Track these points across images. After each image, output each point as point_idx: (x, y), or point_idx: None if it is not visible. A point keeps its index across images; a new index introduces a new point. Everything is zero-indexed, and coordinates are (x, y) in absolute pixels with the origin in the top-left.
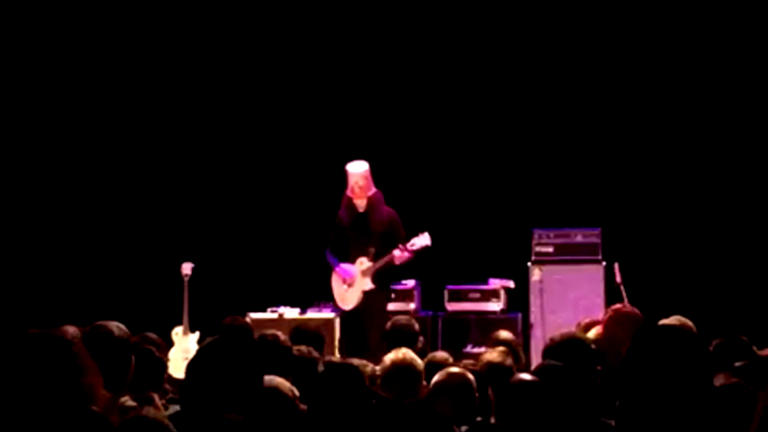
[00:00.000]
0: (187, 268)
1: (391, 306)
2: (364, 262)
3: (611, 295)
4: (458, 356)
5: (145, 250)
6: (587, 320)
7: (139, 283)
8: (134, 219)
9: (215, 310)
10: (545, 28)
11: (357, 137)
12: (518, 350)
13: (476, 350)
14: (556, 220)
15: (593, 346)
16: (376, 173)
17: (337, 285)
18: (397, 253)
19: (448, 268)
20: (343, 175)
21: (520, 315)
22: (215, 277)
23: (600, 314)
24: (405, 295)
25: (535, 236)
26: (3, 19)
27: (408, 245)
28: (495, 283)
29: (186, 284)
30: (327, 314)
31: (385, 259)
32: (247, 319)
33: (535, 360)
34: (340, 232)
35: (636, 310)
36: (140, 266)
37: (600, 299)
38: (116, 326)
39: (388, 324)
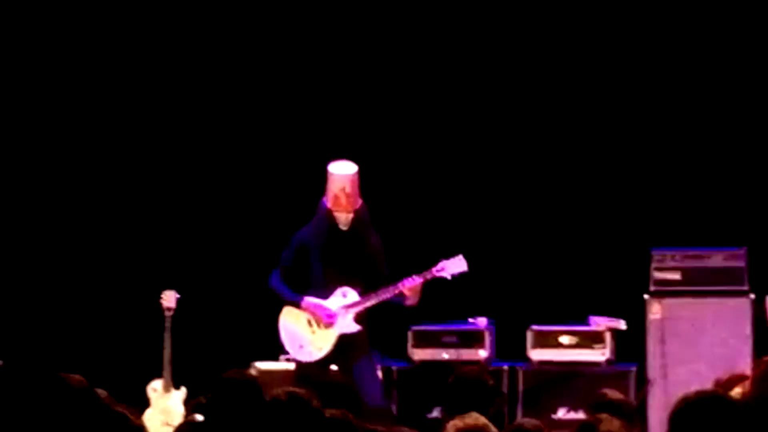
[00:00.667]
0: (170, 299)
1: (452, 354)
2: (348, 294)
3: (761, 338)
4: (546, 424)
5: (115, 275)
6: (729, 374)
7: (104, 318)
8: (101, 234)
9: (208, 358)
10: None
11: (375, 149)
12: (632, 417)
13: (571, 416)
14: (684, 237)
15: (739, 409)
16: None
17: (294, 327)
18: (410, 283)
19: (531, 301)
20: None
21: (634, 367)
22: (208, 312)
23: (746, 365)
24: (473, 339)
25: (656, 259)
26: (3, 19)
27: (435, 270)
28: (598, 324)
29: (168, 321)
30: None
31: (392, 289)
32: (253, 371)
33: (656, 431)
34: (305, 253)
35: None
36: (107, 295)
37: (746, 345)
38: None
39: (452, 378)
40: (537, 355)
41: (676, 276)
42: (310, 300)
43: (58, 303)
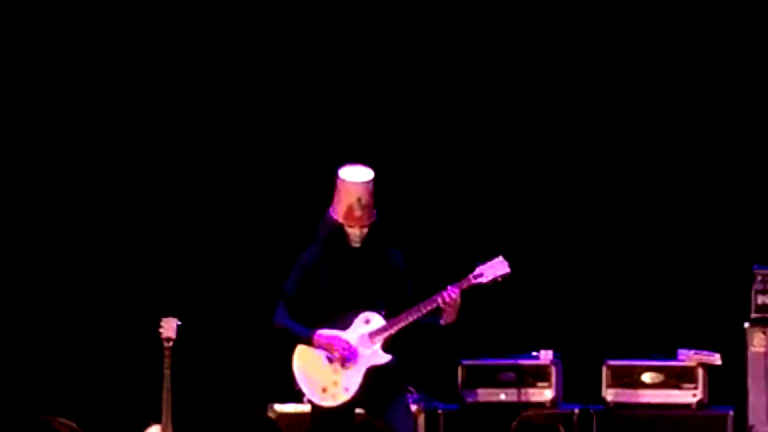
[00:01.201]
0: (169, 327)
1: (512, 394)
2: (372, 320)
3: None
4: None
5: (106, 300)
6: None
7: (94, 350)
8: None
9: (217, 399)
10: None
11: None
12: None
13: None
14: None
15: None
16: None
17: (312, 368)
18: (445, 295)
19: (606, 331)
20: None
21: (731, 411)
22: (216, 343)
23: None
24: (537, 376)
25: (758, 279)
26: (3, 19)
27: (472, 277)
28: (688, 358)
29: (168, 353)
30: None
31: (421, 307)
32: (271, 414)
33: None
34: (313, 279)
35: None
36: (97, 324)
37: None
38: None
39: (515, 425)
40: (614, 395)
41: (766, 299)
42: (323, 334)
43: (42, 334)
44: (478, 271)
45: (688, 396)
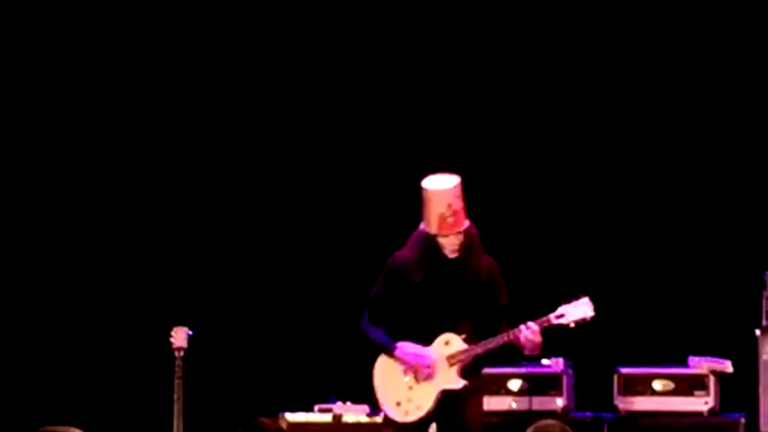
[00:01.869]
0: (180, 336)
1: (523, 403)
2: (452, 342)
3: None
4: None
5: (116, 309)
6: None
7: (104, 360)
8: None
9: (228, 409)
10: None
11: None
12: None
13: None
14: None
15: None
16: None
17: (390, 380)
18: (525, 332)
19: (617, 339)
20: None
21: (743, 418)
22: (227, 352)
23: None
24: (548, 385)
25: None
26: (2, 19)
27: (554, 317)
28: (700, 365)
29: (179, 363)
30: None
31: (499, 339)
32: (282, 424)
33: None
34: (403, 289)
35: None
36: (107, 333)
37: None
38: None
39: (530, 431)
40: (625, 403)
41: None
42: (405, 348)
43: (54, 343)
44: (560, 311)
45: (699, 403)
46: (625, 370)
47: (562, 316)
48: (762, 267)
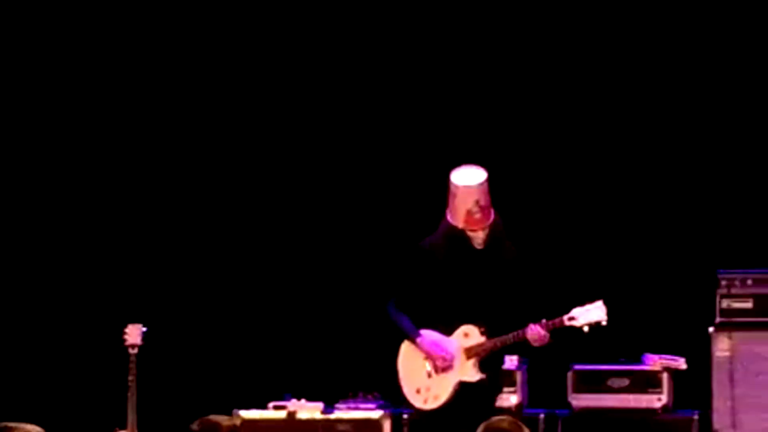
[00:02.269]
0: (134, 333)
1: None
2: (470, 334)
3: None
4: None
5: (69, 306)
6: None
7: (57, 356)
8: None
9: (182, 405)
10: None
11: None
12: None
13: None
14: (757, 257)
15: None
16: None
17: (412, 367)
18: (534, 331)
19: (572, 337)
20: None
21: (696, 415)
22: (181, 349)
23: None
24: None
25: (723, 284)
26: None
27: (566, 318)
28: (654, 362)
29: (133, 361)
30: (369, 413)
31: (512, 336)
32: (236, 421)
33: None
34: (432, 276)
35: None
36: (61, 329)
37: None
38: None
39: (480, 430)
40: (580, 400)
41: (747, 305)
42: (427, 337)
43: (7, 340)
44: (573, 313)
45: (653, 400)
46: (579, 367)
47: (574, 318)
48: (716, 265)
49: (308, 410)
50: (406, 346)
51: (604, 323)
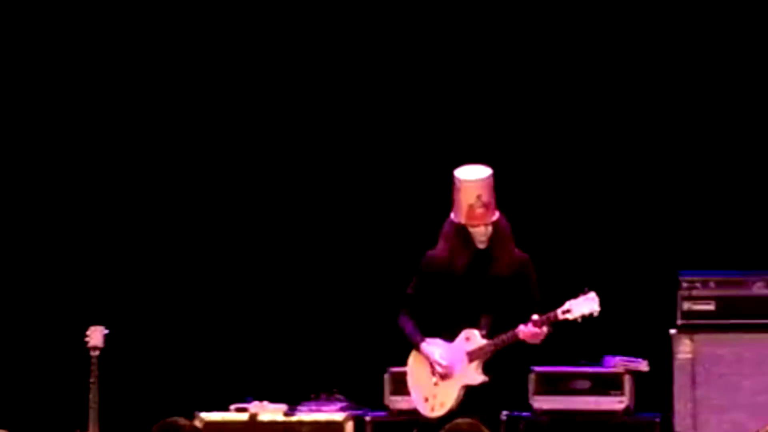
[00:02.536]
0: (96, 336)
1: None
2: (472, 338)
3: None
4: None
5: (31, 308)
6: None
7: (19, 358)
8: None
9: (143, 407)
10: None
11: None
12: None
13: None
14: (719, 259)
15: None
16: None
17: (419, 375)
18: (523, 328)
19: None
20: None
21: (658, 418)
22: (143, 351)
23: None
24: None
25: (684, 285)
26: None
27: (560, 312)
28: (615, 365)
29: (95, 363)
30: (331, 414)
31: (506, 336)
32: (197, 423)
33: None
34: (439, 282)
35: None
36: (22, 331)
37: None
38: None
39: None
40: (541, 402)
41: (709, 307)
42: (427, 346)
43: None
44: (566, 306)
45: (614, 402)
46: (540, 369)
47: (568, 311)
48: (677, 267)
49: (270, 412)
50: (413, 355)
51: (596, 314)
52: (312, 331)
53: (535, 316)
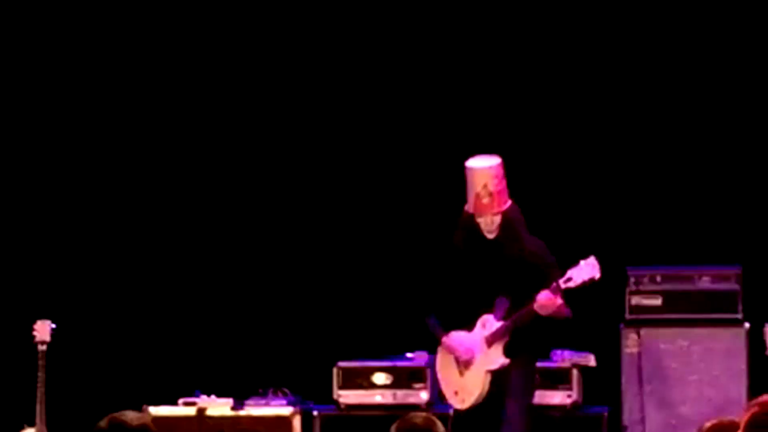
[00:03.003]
0: (43, 330)
1: (387, 396)
2: (487, 323)
3: (758, 376)
4: None
5: None
6: (718, 420)
7: None
8: None
9: (91, 402)
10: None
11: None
12: None
13: None
14: (666, 255)
15: None
16: None
17: (447, 370)
18: (541, 297)
19: None
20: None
21: (606, 412)
22: (90, 345)
23: (740, 409)
24: (411, 378)
25: (632, 280)
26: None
27: (561, 282)
28: (563, 359)
29: (42, 357)
30: (279, 409)
31: (522, 312)
32: (146, 418)
33: None
34: (453, 274)
35: None
36: None
37: (740, 383)
38: None
39: (393, 429)
40: None
41: (656, 302)
42: (448, 339)
43: None
44: (568, 275)
45: (562, 397)
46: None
47: (570, 279)
48: (625, 262)
49: (218, 406)
50: (439, 351)
51: (597, 278)
52: (260, 326)
53: (543, 292)
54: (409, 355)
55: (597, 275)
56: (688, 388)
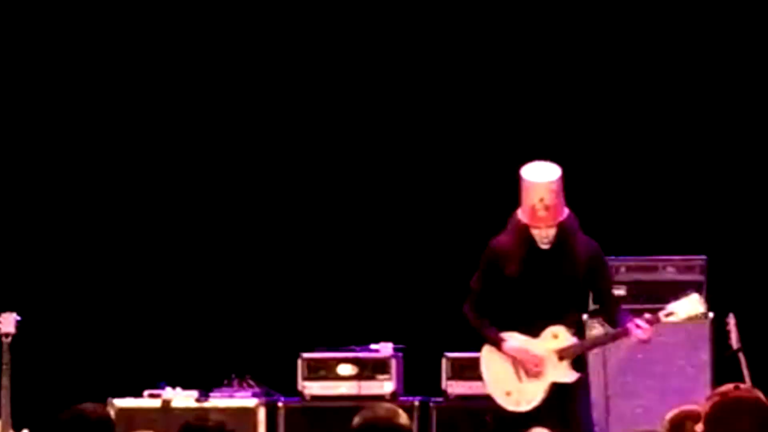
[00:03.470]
0: (8, 322)
1: (352, 387)
2: (560, 335)
3: (722, 367)
4: None
5: None
6: (681, 410)
7: None
8: None
9: (56, 394)
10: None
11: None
12: None
13: None
14: (630, 245)
15: None
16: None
17: (499, 370)
18: (636, 329)
19: (446, 325)
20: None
21: None
22: (55, 337)
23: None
24: (377, 369)
25: None
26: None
27: (663, 315)
28: None
29: (6, 350)
30: (244, 401)
31: (612, 337)
32: (110, 410)
33: None
34: (501, 280)
35: (759, 395)
36: None
37: (704, 373)
38: None
39: (357, 419)
40: (453, 387)
41: (620, 291)
42: (512, 345)
43: None
44: (669, 309)
45: None
46: (452, 355)
47: (671, 314)
48: None
49: (183, 398)
50: (488, 351)
51: (701, 315)
52: (225, 317)
53: (647, 315)
54: (373, 346)
55: (702, 311)
56: (653, 379)
